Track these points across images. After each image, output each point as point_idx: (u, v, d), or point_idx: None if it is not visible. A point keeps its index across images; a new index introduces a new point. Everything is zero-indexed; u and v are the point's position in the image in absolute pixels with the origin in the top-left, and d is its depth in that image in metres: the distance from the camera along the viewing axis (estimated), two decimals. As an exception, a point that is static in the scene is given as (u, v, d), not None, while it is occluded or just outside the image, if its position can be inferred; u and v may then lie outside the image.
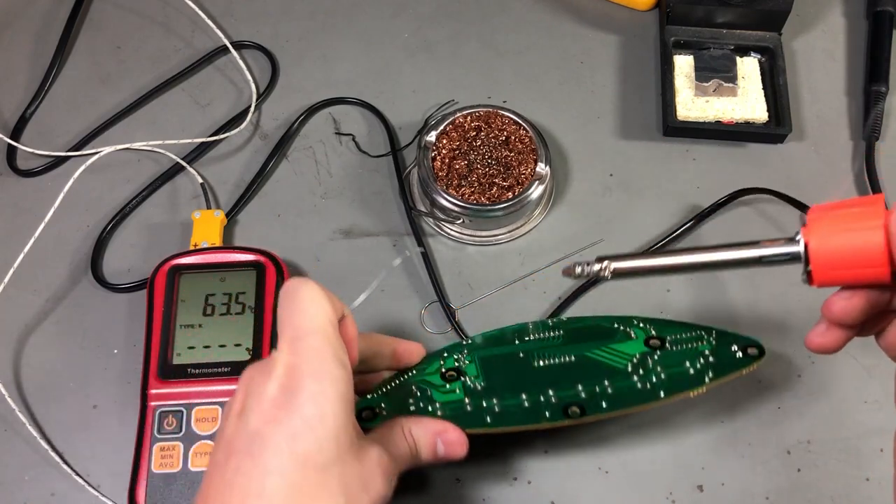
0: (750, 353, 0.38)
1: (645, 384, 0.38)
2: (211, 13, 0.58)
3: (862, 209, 0.28)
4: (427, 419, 0.37)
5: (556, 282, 0.47)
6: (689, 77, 0.53)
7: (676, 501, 0.41)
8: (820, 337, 0.31)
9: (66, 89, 0.55)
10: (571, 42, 0.57)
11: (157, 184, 0.51)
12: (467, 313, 0.47)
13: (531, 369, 0.40)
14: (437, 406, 0.38)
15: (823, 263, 0.28)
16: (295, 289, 0.33)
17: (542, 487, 0.42)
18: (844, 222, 0.28)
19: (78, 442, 0.43)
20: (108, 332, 0.46)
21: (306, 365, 0.31)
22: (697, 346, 0.39)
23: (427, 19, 0.58)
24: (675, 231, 0.48)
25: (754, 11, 0.53)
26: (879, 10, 0.55)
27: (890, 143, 0.52)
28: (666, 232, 0.48)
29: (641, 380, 0.38)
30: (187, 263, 0.45)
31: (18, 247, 0.46)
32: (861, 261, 0.27)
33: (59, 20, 0.58)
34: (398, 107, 0.54)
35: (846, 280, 0.28)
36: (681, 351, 0.39)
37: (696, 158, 0.52)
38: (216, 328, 0.43)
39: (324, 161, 0.52)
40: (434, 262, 0.48)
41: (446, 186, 0.47)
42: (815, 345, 0.31)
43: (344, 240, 0.49)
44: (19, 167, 0.52)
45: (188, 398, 0.41)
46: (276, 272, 0.44)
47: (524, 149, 0.48)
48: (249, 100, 0.54)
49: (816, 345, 0.31)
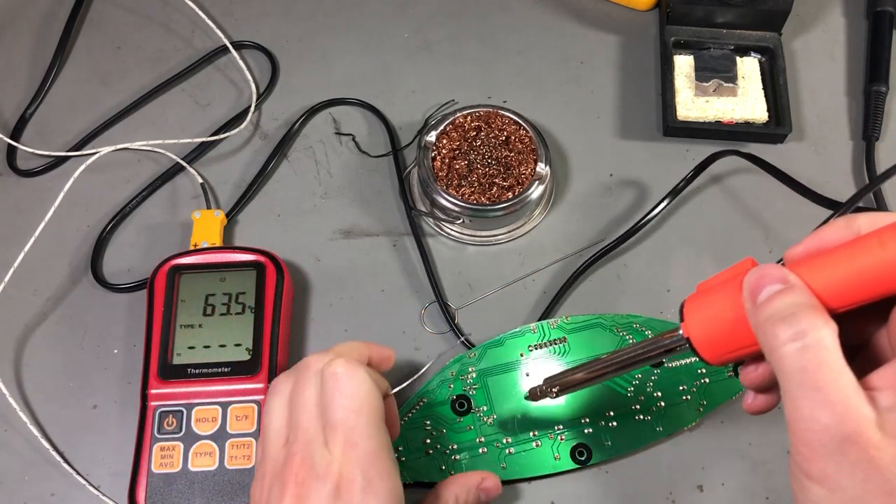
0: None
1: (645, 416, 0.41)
2: (211, 13, 0.58)
3: (724, 291, 0.28)
4: (466, 476, 0.39)
5: (556, 282, 0.47)
6: (689, 77, 0.53)
7: (676, 501, 0.41)
8: (751, 405, 0.31)
9: (66, 89, 0.55)
10: (571, 42, 0.57)
11: (157, 184, 0.51)
12: (467, 313, 0.47)
13: None
14: (454, 449, 0.41)
15: (710, 352, 0.29)
16: (348, 376, 0.33)
17: (542, 487, 0.42)
18: (711, 309, 0.28)
19: (78, 442, 0.43)
20: (108, 332, 0.46)
21: (362, 478, 0.31)
22: (696, 363, 0.42)
23: (427, 19, 0.58)
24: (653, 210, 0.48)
25: (754, 11, 0.53)
26: (879, 10, 0.55)
27: (890, 143, 0.52)
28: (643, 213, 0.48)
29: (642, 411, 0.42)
30: (187, 263, 0.45)
31: (18, 247, 0.46)
32: (739, 342, 0.27)
33: (59, 20, 0.57)
34: (398, 107, 0.54)
35: (738, 357, 0.28)
36: (680, 369, 0.42)
37: (696, 158, 0.52)
38: (216, 328, 0.43)
39: (324, 161, 0.52)
40: (433, 261, 0.48)
41: (446, 186, 0.47)
42: (752, 410, 0.31)
43: (344, 240, 0.49)
44: (19, 167, 0.52)
45: (188, 398, 0.41)
46: (276, 272, 0.44)
47: (524, 149, 0.48)
48: (249, 100, 0.54)
49: (753, 410, 0.31)
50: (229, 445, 0.40)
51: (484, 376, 0.43)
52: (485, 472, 0.39)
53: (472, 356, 0.43)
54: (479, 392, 0.42)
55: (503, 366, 0.43)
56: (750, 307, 0.26)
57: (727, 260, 0.48)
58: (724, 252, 0.48)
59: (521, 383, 0.42)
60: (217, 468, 0.40)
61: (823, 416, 0.23)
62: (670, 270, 0.48)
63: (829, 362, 0.23)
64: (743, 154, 0.49)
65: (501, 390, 0.42)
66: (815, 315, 0.24)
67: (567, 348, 0.43)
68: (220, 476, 0.40)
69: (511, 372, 0.43)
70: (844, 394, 0.23)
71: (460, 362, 0.43)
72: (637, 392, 0.42)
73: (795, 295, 0.25)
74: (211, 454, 0.40)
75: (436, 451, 0.41)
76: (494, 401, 0.42)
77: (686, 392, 0.42)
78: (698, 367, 0.42)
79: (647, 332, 0.43)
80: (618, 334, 0.43)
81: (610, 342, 0.43)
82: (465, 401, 0.42)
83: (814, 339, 0.24)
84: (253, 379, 0.41)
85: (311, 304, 0.47)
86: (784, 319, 0.24)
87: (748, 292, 0.26)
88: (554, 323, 0.44)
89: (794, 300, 0.25)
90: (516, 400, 0.42)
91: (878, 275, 0.24)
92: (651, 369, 0.42)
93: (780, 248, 0.48)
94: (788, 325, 0.24)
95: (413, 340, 0.46)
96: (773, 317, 0.25)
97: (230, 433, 0.41)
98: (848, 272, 0.24)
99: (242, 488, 0.39)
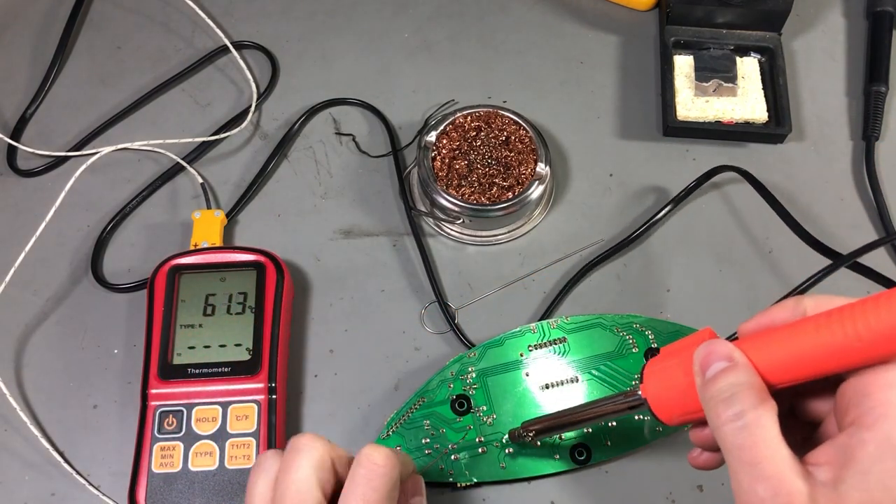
0: None
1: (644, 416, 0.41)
2: (211, 13, 0.58)
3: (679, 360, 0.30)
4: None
5: (556, 282, 0.47)
6: (689, 77, 0.53)
7: (676, 501, 0.41)
8: (696, 460, 0.32)
9: (66, 89, 0.55)
10: (571, 42, 0.57)
11: (157, 184, 0.51)
12: (467, 313, 0.47)
13: (538, 395, 0.42)
14: (453, 448, 0.41)
15: (665, 413, 0.31)
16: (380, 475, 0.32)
17: (542, 487, 0.42)
18: (666, 376, 0.31)
19: (78, 442, 0.43)
20: (108, 332, 0.46)
21: None
22: None
23: (427, 19, 0.58)
24: (654, 217, 0.48)
25: (754, 11, 0.53)
26: (879, 10, 0.55)
27: (890, 143, 0.52)
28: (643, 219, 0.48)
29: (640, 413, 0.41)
30: (187, 263, 0.45)
31: (18, 247, 0.46)
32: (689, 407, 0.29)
33: (59, 20, 0.57)
34: (398, 107, 0.54)
35: (690, 420, 0.30)
36: None
37: (696, 158, 0.52)
38: (216, 328, 0.43)
39: (324, 161, 0.52)
40: (433, 261, 0.48)
41: (446, 186, 0.47)
42: (696, 465, 0.32)
43: (344, 240, 0.49)
44: (19, 167, 0.52)
45: (188, 398, 0.41)
46: (277, 272, 0.44)
47: (524, 149, 0.48)
48: (250, 100, 0.54)
49: (697, 465, 0.32)
50: (229, 445, 0.40)
51: (484, 376, 0.43)
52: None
53: (473, 356, 0.43)
54: (479, 392, 0.42)
55: (503, 366, 0.43)
56: (699, 381, 0.28)
57: (727, 261, 0.48)
58: (723, 252, 0.48)
59: (521, 383, 0.42)
60: (217, 468, 0.40)
61: (760, 490, 0.25)
62: (670, 270, 0.48)
63: (765, 440, 0.25)
64: (743, 173, 0.48)
65: (501, 390, 0.42)
66: (753, 396, 0.26)
67: (567, 348, 0.43)
68: (221, 476, 0.40)
69: (511, 372, 0.43)
70: (779, 468, 0.25)
71: (460, 362, 0.43)
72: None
73: (738, 374, 0.27)
74: (211, 454, 0.40)
75: (435, 451, 0.41)
76: (494, 401, 0.42)
77: None
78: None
79: (647, 333, 0.43)
80: (618, 334, 0.43)
81: (610, 342, 0.43)
82: (464, 400, 0.42)
83: (751, 418, 0.26)
84: (253, 379, 0.42)
85: (311, 304, 0.47)
86: (725, 400, 0.26)
87: (698, 366, 0.28)
88: (554, 323, 0.44)
89: (737, 380, 0.27)
90: (516, 400, 0.42)
91: (813, 356, 0.26)
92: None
93: (779, 249, 0.48)
94: (729, 405, 0.26)
95: (413, 340, 0.46)
96: (716, 396, 0.27)
97: (230, 433, 0.41)
98: (787, 352, 0.26)
99: (242, 488, 0.39)
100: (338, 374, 0.45)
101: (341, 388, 0.45)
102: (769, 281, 0.47)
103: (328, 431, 0.43)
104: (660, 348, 0.42)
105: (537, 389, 0.42)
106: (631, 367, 0.43)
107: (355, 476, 0.32)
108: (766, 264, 0.48)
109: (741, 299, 0.47)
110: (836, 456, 0.25)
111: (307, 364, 0.45)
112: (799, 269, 0.47)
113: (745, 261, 0.48)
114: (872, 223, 0.49)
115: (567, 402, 0.42)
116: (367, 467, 0.32)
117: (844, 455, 0.25)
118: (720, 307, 0.47)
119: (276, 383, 0.42)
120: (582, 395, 0.42)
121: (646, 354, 0.43)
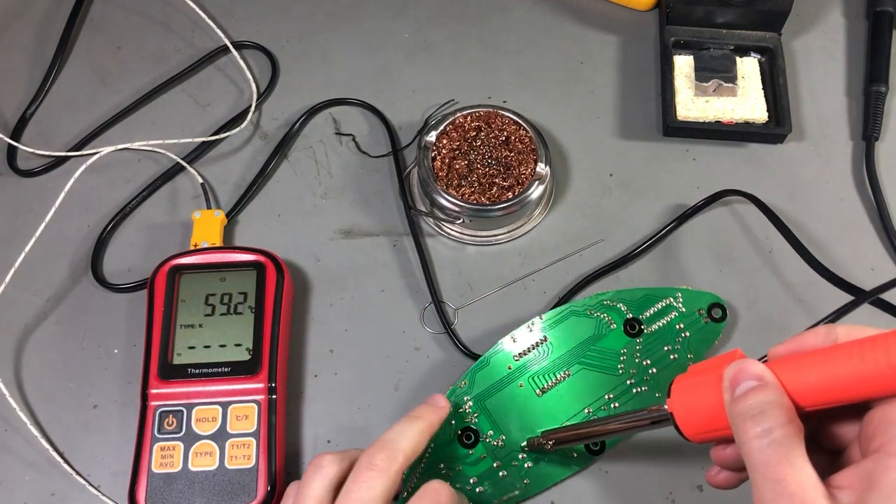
0: (714, 315, 0.44)
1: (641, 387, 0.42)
2: (211, 13, 0.58)
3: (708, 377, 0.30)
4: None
5: (556, 281, 0.47)
6: (688, 77, 0.53)
7: (676, 501, 0.41)
8: (715, 478, 0.33)
9: (66, 89, 0.55)
10: (571, 42, 0.57)
11: (157, 184, 0.51)
12: (467, 313, 0.47)
13: (538, 401, 0.42)
14: (475, 483, 0.41)
15: (691, 429, 0.31)
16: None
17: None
18: (695, 392, 0.31)
19: (78, 442, 0.43)
20: (108, 332, 0.46)
21: None
22: (671, 320, 0.44)
23: (427, 19, 0.58)
24: (660, 231, 0.48)
25: (754, 11, 0.53)
26: (879, 10, 0.55)
27: (890, 143, 0.52)
28: (651, 234, 0.48)
29: (637, 383, 0.43)
30: (187, 263, 0.45)
31: (19, 247, 0.46)
32: (715, 424, 0.30)
33: (59, 20, 0.57)
34: (398, 107, 0.54)
35: (714, 438, 0.31)
36: (659, 332, 0.44)
37: (696, 158, 0.52)
38: (216, 328, 0.43)
39: (324, 161, 0.52)
40: (430, 261, 0.48)
41: (446, 186, 0.47)
42: (713, 483, 0.33)
43: (344, 240, 0.49)
44: (19, 167, 0.52)
45: (188, 398, 0.41)
46: (277, 272, 0.44)
47: (524, 149, 0.48)
48: (250, 100, 0.54)
49: (714, 483, 0.33)
50: (229, 445, 0.40)
51: (481, 401, 0.42)
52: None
53: (464, 385, 0.42)
54: (482, 418, 0.42)
55: (495, 385, 0.42)
56: (728, 398, 0.28)
57: (727, 261, 0.48)
58: (723, 253, 0.48)
59: (518, 395, 0.42)
60: (217, 468, 0.40)
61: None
62: (668, 272, 0.48)
63: (790, 458, 0.26)
64: (750, 197, 0.48)
65: (502, 409, 0.42)
66: (782, 414, 0.27)
67: (550, 346, 0.43)
68: (221, 476, 0.40)
69: (505, 388, 0.42)
70: (803, 487, 0.25)
71: (454, 395, 0.42)
72: (627, 367, 0.43)
73: (767, 393, 0.27)
74: (211, 454, 0.40)
75: (457, 490, 0.39)
76: (499, 422, 0.42)
77: (672, 351, 0.43)
78: (675, 324, 0.44)
79: (619, 306, 0.44)
80: (592, 317, 0.44)
81: (588, 327, 0.44)
82: (470, 432, 0.41)
83: (779, 436, 0.26)
84: (253, 379, 0.41)
85: (311, 304, 0.47)
86: (754, 417, 0.27)
87: (728, 383, 0.29)
88: (530, 326, 0.44)
89: (766, 398, 0.27)
90: (519, 413, 0.42)
91: (844, 382, 0.26)
92: (633, 340, 0.43)
93: (778, 249, 0.48)
94: (757, 422, 0.27)
95: (413, 340, 0.46)
96: (745, 413, 0.27)
97: (230, 433, 0.41)
98: (819, 376, 0.27)
99: (242, 488, 0.39)
100: (338, 374, 0.45)
101: (341, 388, 0.45)
102: (769, 281, 0.47)
103: (328, 431, 0.43)
104: (643, 324, 0.44)
105: (535, 396, 0.42)
106: (613, 344, 0.43)
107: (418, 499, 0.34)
108: (767, 266, 0.48)
109: (741, 299, 0.47)
110: (860, 480, 0.25)
111: (307, 364, 0.45)
112: (797, 271, 0.47)
113: (746, 262, 0.48)
114: (872, 223, 0.49)
115: (567, 397, 0.42)
116: (433, 499, 0.34)
117: (868, 480, 0.25)
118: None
119: (276, 383, 0.42)
120: (578, 387, 0.42)
121: (624, 327, 0.44)
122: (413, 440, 0.36)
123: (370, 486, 0.33)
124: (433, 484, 0.35)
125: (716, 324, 0.44)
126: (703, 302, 0.45)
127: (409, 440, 0.35)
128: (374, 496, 0.33)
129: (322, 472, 0.35)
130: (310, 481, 0.35)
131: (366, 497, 0.33)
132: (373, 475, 0.33)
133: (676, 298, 0.45)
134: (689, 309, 0.44)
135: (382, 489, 0.33)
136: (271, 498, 0.39)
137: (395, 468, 0.34)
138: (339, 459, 0.35)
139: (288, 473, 0.42)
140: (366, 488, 0.33)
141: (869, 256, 0.48)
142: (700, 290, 0.45)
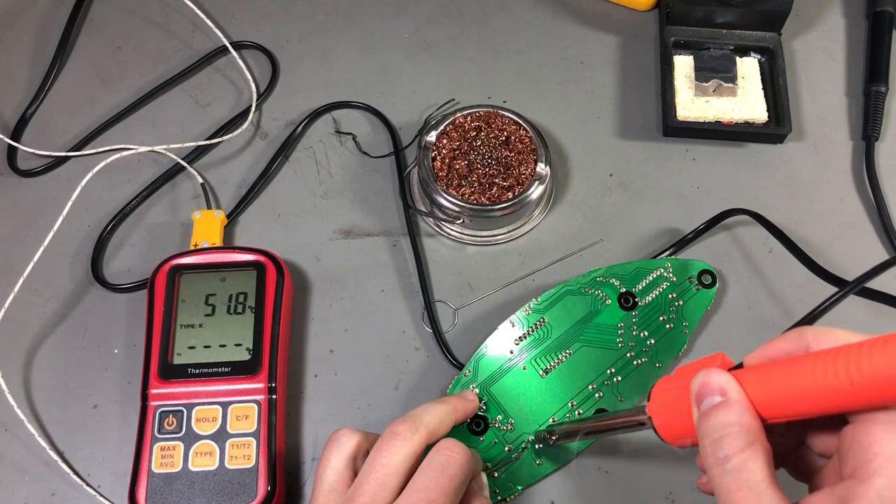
0: (704, 281, 0.45)
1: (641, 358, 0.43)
2: (211, 13, 0.58)
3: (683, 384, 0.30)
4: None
5: (556, 282, 0.47)
6: (688, 77, 0.53)
7: (676, 501, 0.41)
8: (705, 486, 0.32)
9: (66, 89, 0.55)
10: (571, 42, 0.57)
11: (157, 184, 0.51)
12: (467, 313, 0.47)
13: (542, 382, 0.43)
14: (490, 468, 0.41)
15: (667, 433, 0.31)
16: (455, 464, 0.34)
17: (542, 487, 0.42)
18: (671, 398, 0.31)
19: (78, 442, 0.43)
20: (108, 332, 0.46)
21: None
22: (663, 290, 0.45)
23: (427, 19, 0.58)
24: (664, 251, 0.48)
25: (754, 11, 0.53)
26: (879, 10, 0.55)
27: (890, 143, 0.52)
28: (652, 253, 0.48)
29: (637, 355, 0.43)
30: (188, 263, 0.45)
31: (19, 246, 0.46)
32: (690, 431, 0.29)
33: (59, 20, 0.58)
34: (398, 107, 0.54)
35: (691, 444, 0.30)
36: (652, 303, 0.44)
37: (696, 158, 0.52)
38: (216, 328, 0.43)
39: (324, 161, 0.52)
40: (426, 261, 0.48)
41: (446, 186, 0.47)
42: (705, 490, 0.32)
43: (344, 240, 0.49)
44: (20, 167, 0.52)
45: (188, 398, 0.41)
46: (277, 272, 0.44)
47: (524, 149, 0.48)
48: (250, 100, 0.54)
49: (706, 491, 0.32)
50: (229, 445, 0.40)
51: (486, 388, 0.43)
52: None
53: (468, 373, 0.43)
54: (490, 405, 0.42)
55: (499, 371, 0.43)
56: (695, 413, 0.28)
57: (727, 262, 0.48)
58: (723, 253, 0.48)
59: (522, 378, 0.43)
60: (217, 468, 0.40)
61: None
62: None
63: (749, 485, 0.25)
64: (755, 215, 0.48)
65: (508, 394, 0.42)
66: (742, 438, 0.26)
67: (549, 328, 0.44)
68: (221, 476, 0.40)
69: (509, 373, 0.43)
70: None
71: (458, 385, 0.43)
72: (626, 340, 0.44)
73: (728, 413, 0.27)
74: (211, 454, 0.40)
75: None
76: (506, 407, 0.42)
77: (667, 321, 0.44)
78: (668, 294, 0.45)
79: (612, 281, 0.45)
80: (587, 294, 0.45)
81: (583, 304, 0.44)
82: (479, 420, 0.42)
83: (736, 463, 0.26)
84: (253, 379, 0.41)
85: (311, 304, 0.47)
86: (714, 442, 0.26)
87: (694, 397, 0.28)
88: (527, 309, 0.44)
89: (727, 419, 0.26)
90: (526, 396, 0.42)
91: (807, 395, 0.25)
92: (629, 313, 0.44)
93: (778, 248, 0.48)
94: (717, 447, 0.26)
95: (413, 340, 0.46)
96: (706, 435, 0.27)
97: (230, 433, 0.41)
98: (782, 388, 0.26)
99: (242, 488, 0.39)
100: (338, 374, 0.45)
101: (341, 388, 0.45)
102: (769, 281, 0.47)
103: (328, 431, 0.43)
104: (637, 297, 0.44)
105: (540, 377, 0.43)
106: (610, 319, 0.44)
107: (432, 462, 0.34)
108: (766, 266, 0.48)
109: (742, 298, 0.47)
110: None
111: (307, 364, 0.45)
112: (798, 270, 0.47)
113: (746, 262, 0.48)
114: (872, 223, 0.49)
115: (570, 375, 0.43)
116: (445, 455, 0.34)
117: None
118: (720, 306, 0.47)
119: (276, 383, 0.42)
120: (580, 364, 0.43)
121: (619, 301, 0.44)
122: (436, 417, 0.36)
123: (392, 452, 0.34)
124: (445, 442, 0.35)
125: (707, 290, 0.45)
126: (693, 270, 0.46)
127: (432, 416, 0.36)
128: (397, 462, 0.33)
129: (339, 444, 0.35)
130: (328, 454, 0.35)
131: (388, 462, 0.33)
132: (395, 443, 0.34)
133: (666, 269, 0.45)
134: (679, 278, 0.45)
135: (405, 456, 0.34)
136: (271, 498, 0.39)
137: (417, 439, 0.34)
138: (356, 433, 0.36)
139: (288, 473, 0.42)
140: (388, 454, 0.34)
141: (868, 256, 0.48)
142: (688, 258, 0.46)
